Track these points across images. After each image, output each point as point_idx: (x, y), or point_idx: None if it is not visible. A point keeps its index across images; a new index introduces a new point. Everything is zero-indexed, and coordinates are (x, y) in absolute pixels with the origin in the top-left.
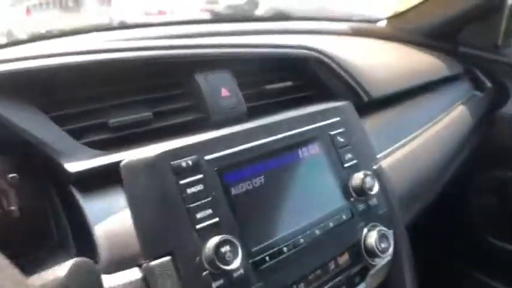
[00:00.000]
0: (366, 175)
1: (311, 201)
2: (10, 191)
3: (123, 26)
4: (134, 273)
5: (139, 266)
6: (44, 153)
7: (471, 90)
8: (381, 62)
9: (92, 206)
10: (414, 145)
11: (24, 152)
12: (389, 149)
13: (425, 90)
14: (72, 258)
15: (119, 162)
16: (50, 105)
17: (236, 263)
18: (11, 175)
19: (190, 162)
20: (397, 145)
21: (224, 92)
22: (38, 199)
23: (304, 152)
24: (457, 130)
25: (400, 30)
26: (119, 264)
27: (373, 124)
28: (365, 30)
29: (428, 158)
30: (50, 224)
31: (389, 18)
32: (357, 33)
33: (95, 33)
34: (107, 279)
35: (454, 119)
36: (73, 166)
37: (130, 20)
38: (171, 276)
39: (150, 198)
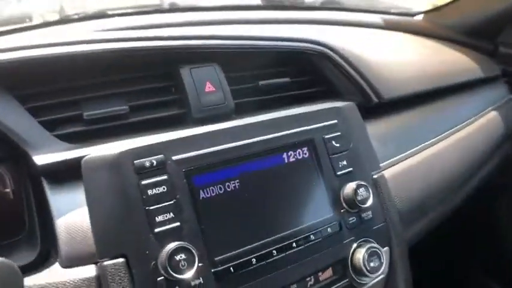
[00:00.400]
0: (359, 186)
1: (293, 210)
2: None
3: (129, 13)
4: (89, 271)
5: (96, 263)
6: (16, 144)
7: (508, 94)
8: (405, 59)
9: (57, 199)
10: (428, 153)
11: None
12: (398, 157)
13: (457, 91)
14: (36, 249)
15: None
16: (26, 96)
17: (190, 273)
18: None
19: (154, 162)
20: (407, 153)
21: (209, 87)
22: (15, 187)
23: (290, 157)
24: (486, 137)
25: (437, 25)
26: (77, 259)
27: (383, 128)
28: (399, 23)
29: (444, 169)
30: (23, 214)
31: (426, 12)
32: (389, 26)
33: (84, 22)
34: (64, 275)
35: (485, 125)
36: (41, 158)
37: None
38: (123, 278)
39: (108, 197)
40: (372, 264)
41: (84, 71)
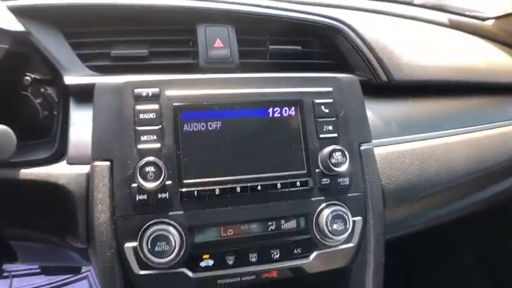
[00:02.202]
0: (335, 150)
1: (266, 159)
2: (31, 87)
3: None
4: (84, 169)
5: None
6: (55, 68)
7: None
8: (431, 49)
9: (75, 114)
10: (431, 144)
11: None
12: (397, 138)
13: (488, 94)
14: (53, 150)
15: None
16: (69, 33)
17: (155, 184)
18: (26, 77)
19: (150, 93)
20: (409, 137)
21: (218, 43)
22: (48, 103)
23: (276, 112)
24: (505, 149)
25: (503, 31)
26: (78, 159)
27: (392, 109)
28: (463, 24)
29: (445, 164)
30: (51, 124)
31: (497, 18)
32: (453, 26)
33: None
34: (66, 170)
35: (506, 135)
36: (71, 80)
37: None
38: (105, 178)
39: (109, 115)
40: (335, 226)
41: (117, 20)
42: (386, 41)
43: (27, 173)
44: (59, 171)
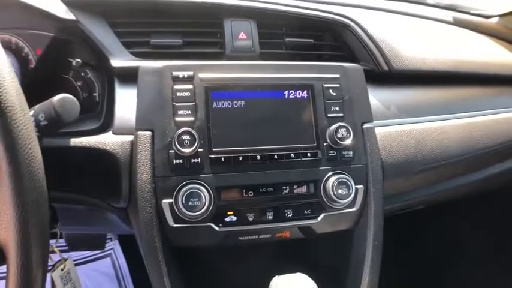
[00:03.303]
0: (341, 126)
1: (281, 133)
2: (73, 71)
3: None
4: (128, 138)
5: (134, 134)
6: (103, 53)
7: None
8: (431, 42)
9: (120, 92)
10: (427, 126)
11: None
12: (396, 120)
13: (488, 83)
14: (100, 122)
15: None
16: (114, 23)
17: (189, 150)
18: (76, 60)
19: (186, 75)
20: (406, 119)
21: (242, 36)
22: (97, 81)
23: (290, 94)
24: (505, 132)
25: (506, 28)
26: (123, 129)
27: (393, 95)
28: (467, 22)
29: (439, 145)
30: (99, 100)
31: (500, 16)
32: (457, 23)
33: None
34: (112, 138)
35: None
36: (116, 63)
37: None
38: (147, 144)
39: (151, 93)
40: (339, 191)
41: (156, 12)
42: (388, 36)
43: (78, 141)
44: (107, 140)
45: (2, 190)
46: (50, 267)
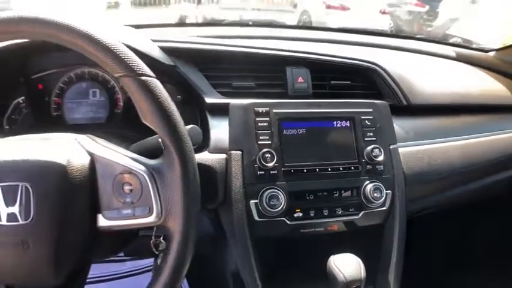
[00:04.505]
0: (375, 148)
1: (333, 152)
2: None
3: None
4: (223, 156)
5: (227, 153)
6: (197, 92)
7: None
8: (440, 79)
9: (213, 122)
10: (437, 147)
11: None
12: (413, 142)
13: (491, 112)
14: (195, 147)
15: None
16: (204, 68)
17: (270, 164)
18: (178, 97)
19: (264, 110)
20: (421, 141)
21: (300, 80)
22: (191, 115)
23: (337, 124)
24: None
25: (503, 61)
26: (218, 150)
27: (411, 123)
28: (467, 56)
29: (448, 163)
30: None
31: (498, 50)
32: (460, 58)
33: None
34: (210, 156)
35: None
36: (209, 99)
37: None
38: (238, 161)
39: (240, 123)
40: (375, 195)
41: (234, 60)
42: (406, 75)
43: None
44: (207, 158)
45: (175, 188)
46: None
